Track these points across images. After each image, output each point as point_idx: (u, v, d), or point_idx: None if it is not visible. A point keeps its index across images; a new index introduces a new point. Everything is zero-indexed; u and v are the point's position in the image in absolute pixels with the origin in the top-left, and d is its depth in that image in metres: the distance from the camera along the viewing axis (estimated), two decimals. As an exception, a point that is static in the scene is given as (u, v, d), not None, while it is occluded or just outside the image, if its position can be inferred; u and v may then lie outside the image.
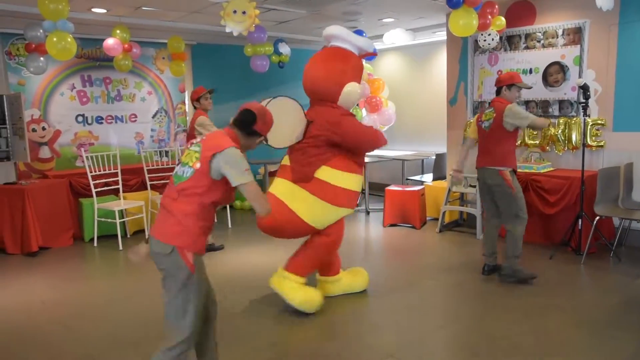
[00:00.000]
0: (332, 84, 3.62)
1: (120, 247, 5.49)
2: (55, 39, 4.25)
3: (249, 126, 2.39)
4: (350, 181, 3.66)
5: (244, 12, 4.20)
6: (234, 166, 2.24)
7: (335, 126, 3.55)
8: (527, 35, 5.66)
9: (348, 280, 4.07)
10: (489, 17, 4.82)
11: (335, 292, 3.99)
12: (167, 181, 2.48)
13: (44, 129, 6.28)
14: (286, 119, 3.46)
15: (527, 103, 5.73)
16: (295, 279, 3.66)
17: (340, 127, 3.55)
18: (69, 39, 4.34)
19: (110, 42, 5.66)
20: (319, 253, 3.74)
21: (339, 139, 3.56)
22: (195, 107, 5.29)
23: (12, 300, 4.09)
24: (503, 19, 5.04)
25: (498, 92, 4.24)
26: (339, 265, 4.09)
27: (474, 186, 5.46)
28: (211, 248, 5.27)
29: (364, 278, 4.13)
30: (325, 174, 3.58)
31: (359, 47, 3.78)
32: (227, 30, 4.49)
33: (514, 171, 4.23)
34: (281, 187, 3.66)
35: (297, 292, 3.62)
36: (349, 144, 3.61)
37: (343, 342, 3.23)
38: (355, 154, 3.73)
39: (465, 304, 3.90)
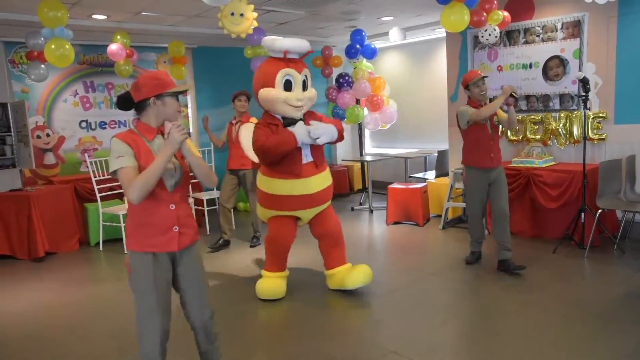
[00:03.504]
0: (255, 94, 3.95)
1: (126, 251, 5.53)
2: (53, 46, 4.29)
3: (130, 102, 2.31)
4: (270, 185, 3.94)
5: (241, 15, 4.22)
6: (110, 156, 2.23)
7: None
8: (526, 30, 5.65)
9: (342, 274, 4.10)
10: (484, 13, 4.81)
11: (330, 285, 4.16)
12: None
13: (48, 135, 6.35)
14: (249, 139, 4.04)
15: (527, 98, 5.72)
16: (264, 273, 4.12)
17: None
18: (67, 46, 4.38)
19: (113, 47, 5.72)
20: (265, 247, 4.13)
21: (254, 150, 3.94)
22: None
23: (19, 305, 4.15)
24: (501, 13, 5.03)
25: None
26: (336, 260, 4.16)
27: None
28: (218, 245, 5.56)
29: (364, 273, 4.03)
30: (258, 178, 4.10)
31: (282, 51, 3.80)
32: (225, 32, 4.52)
33: None
34: None
35: (260, 283, 4.05)
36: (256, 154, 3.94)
37: (346, 339, 3.24)
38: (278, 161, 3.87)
39: (468, 300, 3.91)
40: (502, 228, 4.34)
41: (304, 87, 3.89)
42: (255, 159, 4.09)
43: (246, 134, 4.21)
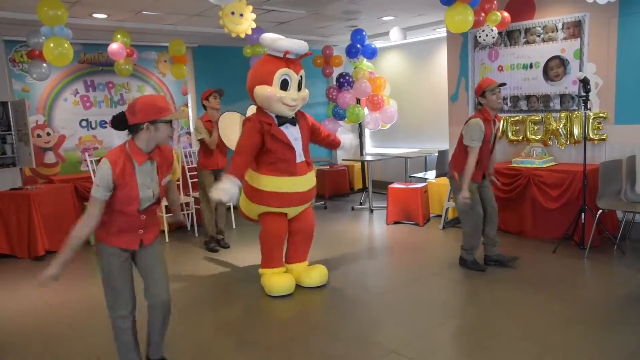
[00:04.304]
0: (249, 90, 4.01)
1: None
2: (52, 45, 4.29)
3: (124, 123, 2.44)
4: (262, 182, 3.97)
5: (241, 15, 4.24)
6: (96, 173, 2.45)
7: None
8: (527, 30, 5.65)
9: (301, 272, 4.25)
10: (482, 13, 4.82)
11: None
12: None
13: (48, 134, 6.35)
14: (233, 129, 4.19)
15: (528, 98, 5.72)
16: (264, 271, 4.16)
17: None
18: (66, 45, 4.37)
19: (114, 46, 5.72)
20: (261, 244, 4.16)
21: None
22: (204, 108, 5.40)
23: (19, 304, 4.15)
24: (499, 14, 5.03)
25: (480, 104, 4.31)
26: (296, 257, 4.31)
27: None
28: (220, 245, 5.62)
29: (320, 274, 4.23)
30: (248, 173, 4.07)
31: (283, 51, 3.88)
32: (226, 31, 4.53)
33: None
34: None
35: (264, 281, 4.10)
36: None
37: (346, 338, 3.24)
38: (272, 159, 3.93)
39: (468, 300, 3.91)
40: (494, 224, 4.46)
41: (299, 87, 3.99)
42: (233, 147, 4.25)
43: (228, 123, 4.31)
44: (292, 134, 3.98)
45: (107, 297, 2.60)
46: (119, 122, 2.43)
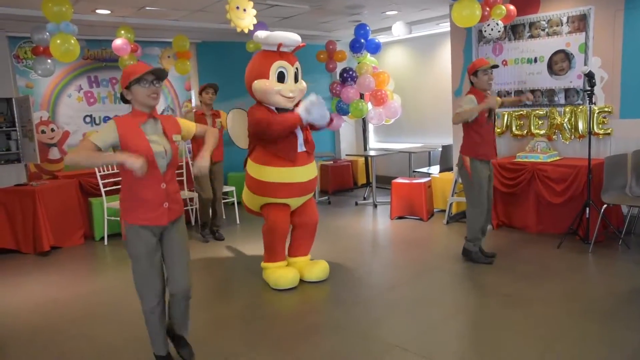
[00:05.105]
0: (247, 86, 4.06)
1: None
2: (59, 41, 4.31)
3: (123, 96, 2.64)
4: (264, 173, 4.00)
5: (244, 10, 4.25)
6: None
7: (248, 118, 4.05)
8: (532, 24, 5.62)
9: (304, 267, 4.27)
10: (487, 8, 4.80)
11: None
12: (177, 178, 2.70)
13: (52, 130, 6.37)
14: (240, 125, 4.29)
15: (532, 92, 5.69)
16: (266, 265, 4.20)
17: (248, 116, 4.03)
18: (73, 41, 4.39)
19: (118, 42, 5.73)
20: (264, 238, 4.18)
21: (250, 129, 4.02)
22: (201, 102, 5.51)
23: (24, 300, 4.17)
24: (504, 7, 5.00)
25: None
26: (300, 250, 4.34)
27: None
28: (215, 237, 5.76)
29: (321, 269, 4.25)
30: (248, 165, 4.16)
31: (277, 44, 3.94)
32: (232, 26, 4.54)
33: None
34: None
35: (269, 275, 4.13)
36: (251, 131, 4.01)
37: (349, 334, 3.25)
38: (273, 148, 3.95)
39: (472, 295, 3.90)
40: (489, 218, 4.53)
41: (295, 80, 4.05)
42: (241, 145, 4.33)
43: (236, 118, 4.37)
44: None
45: (137, 287, 2.66)
46: (121, 95, 2.67)
